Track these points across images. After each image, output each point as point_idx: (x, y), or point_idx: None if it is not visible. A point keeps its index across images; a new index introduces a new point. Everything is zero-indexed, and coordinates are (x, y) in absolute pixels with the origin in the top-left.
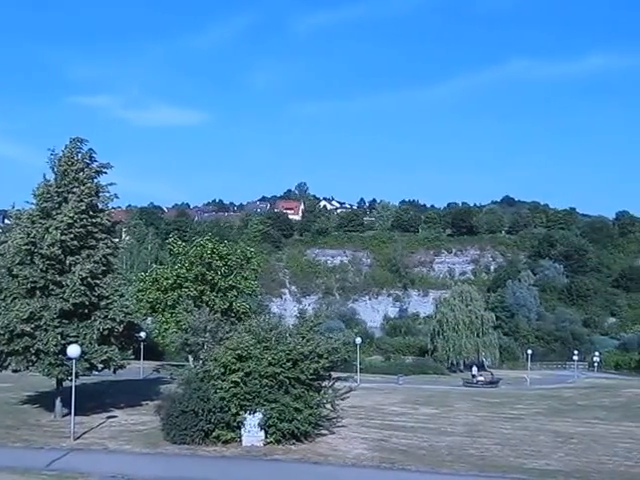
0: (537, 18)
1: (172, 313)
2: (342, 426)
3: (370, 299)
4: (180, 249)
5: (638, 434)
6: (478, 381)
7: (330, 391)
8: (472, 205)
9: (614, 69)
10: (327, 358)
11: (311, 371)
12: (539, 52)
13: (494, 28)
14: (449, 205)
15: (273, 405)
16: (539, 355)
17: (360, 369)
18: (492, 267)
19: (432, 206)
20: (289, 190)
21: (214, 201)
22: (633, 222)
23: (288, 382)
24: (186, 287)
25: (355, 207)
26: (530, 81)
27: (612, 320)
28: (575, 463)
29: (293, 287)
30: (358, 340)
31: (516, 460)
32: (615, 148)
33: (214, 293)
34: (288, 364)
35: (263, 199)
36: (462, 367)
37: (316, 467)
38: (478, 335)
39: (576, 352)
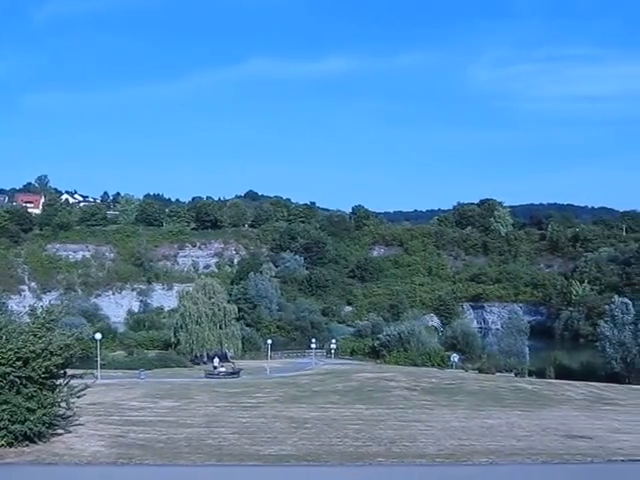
0: (279, 20)
1: None
2: (79, 424)
3: (114, 294)
4: None
5: (367, 415)
6: (220, 372)
7: (65, 389)
8: (216, 199)
9: (354, 71)
10: (60, 355)
11: (43, 369)
12: (280, 53)
13: (236, 27)
14: (194, 199)
15: (4, 407)
16: (280, 344)
17: (102, 365)
18: (235, 260)
19: (177, 200)
20: (29, 183)
21: None
22: (367, 216)
23: (19, 382)
24: None
25: (99, 201)
26: (271, 80)
27: (348, 309)
28: (308, 447)
29: (33, 283)
30: (98, 336)
31: (252, 447)
32: (352, 146)
33: None
34: (18, 363)
35: (1, 192)
36: (205, 359)
37: (50, 468)
38: (221, 327)
39: (314, 340)
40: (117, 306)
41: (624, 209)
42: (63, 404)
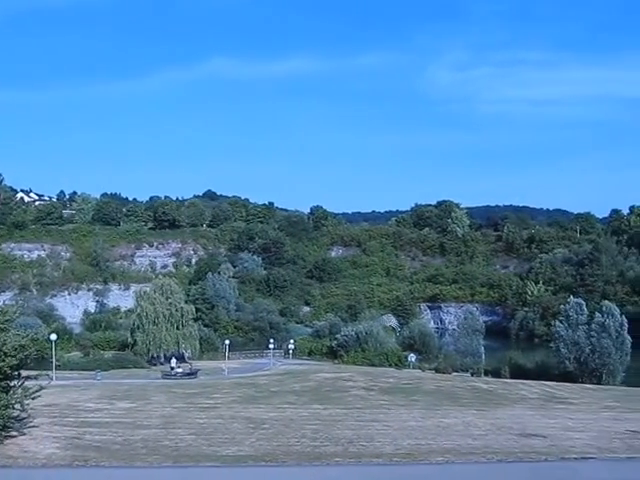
0: (239, 20)
1: None
2: (34, 426)
3: (69, 294)
4: None
5: (324, 415)
6: (177, 373)
7: (19, 390)
8: (174, 199)
9: (313, 72)
10: (14, 356)
11: None
12: (240, 53)
13: (195, 26)
14: (151, 198)
15: None
16: (238, 345)
17: (57, 366)
18: (193, 260)
19: (134, 199)
20: None
21: None
22: (326, 216)
23: None
24: None
25: (55, 200)
26: (231, 80)
27: (306, 309)
28: (266, 447)
29: None
30: (53, 336)
31: (209, 448)
32: (311, 146)
33: None
34: None
35: None
36: (162, 360)
37: (4, 471)
38: (178, 327)
39: (272, 340)
40: (73, 306)
41: (578, 211)
42: (17, 406)
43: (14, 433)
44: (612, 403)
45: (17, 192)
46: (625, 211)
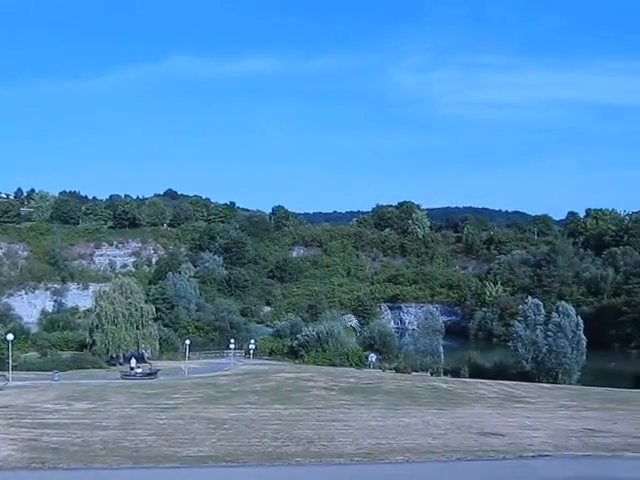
0: (199, 18)
1: None
2: None
3: (27, 293)
4: None
5: (285, 415)
6: (136, 373)
7: None
8: (135, 197)
9: (274, 72)
10: None
11: None
12: (200, 51)
13: (155, 24)
14: (111, 197)
15: None
16: (199, 345)
17: (14, 366)
18: (154, 260)
19: (94, 198)
20: None
21: None
22: (287, 216)
23: None
24: None
25: (12, 197)
26: (191, 79)
27: (267, 309)
28: (227, 447)
29: None
30: (10, 336)
31: (170, 449)
32: (272, 146)
33: None
34: None
35: None
36: (122, 360)
37: None
38: (138, 327)
39: (233, 340)
40: (30, 306)
41: (536, 213)
42: None
43: None
44: (568, 402)
45: None
46: (581, 214)
